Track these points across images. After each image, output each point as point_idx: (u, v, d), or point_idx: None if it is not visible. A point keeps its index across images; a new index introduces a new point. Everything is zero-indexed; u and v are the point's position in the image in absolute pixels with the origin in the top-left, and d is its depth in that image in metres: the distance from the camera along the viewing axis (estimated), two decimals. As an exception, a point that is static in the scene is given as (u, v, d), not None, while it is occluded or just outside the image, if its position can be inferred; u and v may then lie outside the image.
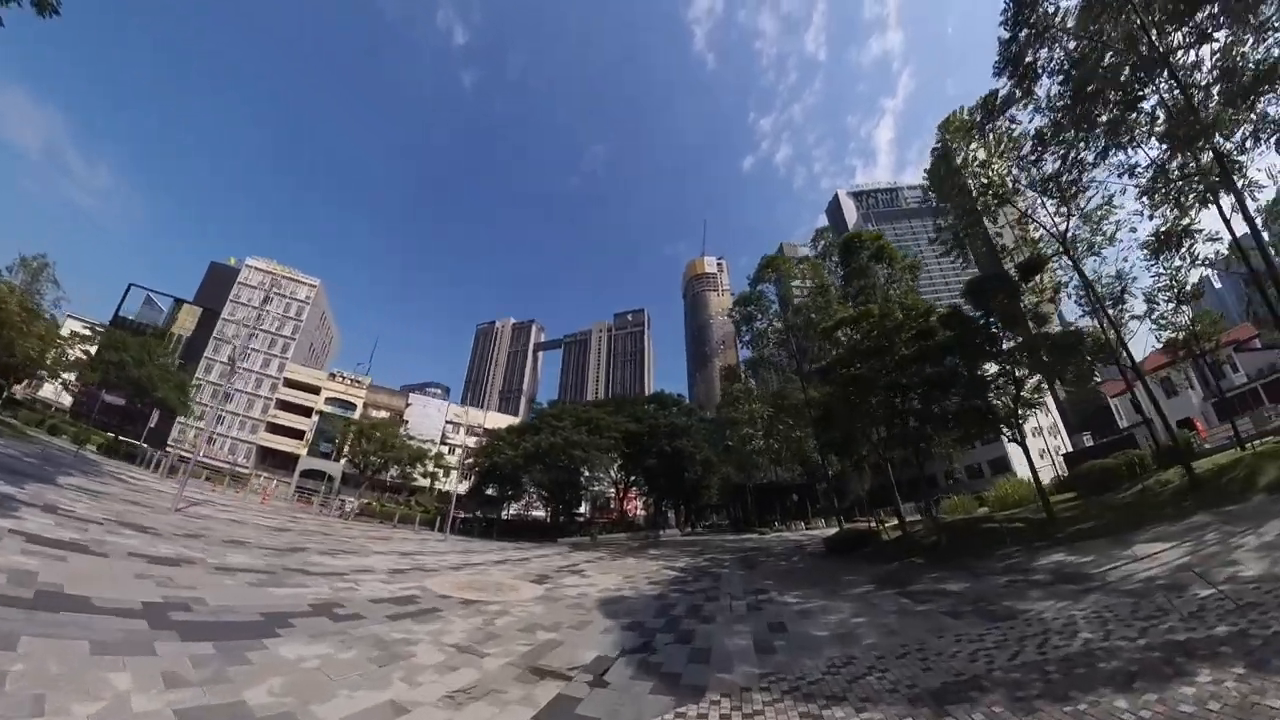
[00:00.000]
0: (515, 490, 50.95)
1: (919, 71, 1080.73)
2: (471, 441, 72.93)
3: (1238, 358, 43.19)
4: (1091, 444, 51.49)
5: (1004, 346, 22.26)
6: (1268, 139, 21.57)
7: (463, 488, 55.30)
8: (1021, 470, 59.94)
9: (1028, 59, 21.97)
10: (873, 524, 30.96)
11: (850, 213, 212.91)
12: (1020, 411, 21.97)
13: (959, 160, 24.29)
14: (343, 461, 70.57)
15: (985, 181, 24.31)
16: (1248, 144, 22.43)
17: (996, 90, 22.21)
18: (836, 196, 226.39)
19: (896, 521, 28.78)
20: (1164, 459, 22.78)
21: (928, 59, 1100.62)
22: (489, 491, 55.69)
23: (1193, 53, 21.95)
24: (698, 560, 28.50)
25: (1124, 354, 23.81)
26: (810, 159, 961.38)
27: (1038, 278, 24.80)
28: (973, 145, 24.14)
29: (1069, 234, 23.30)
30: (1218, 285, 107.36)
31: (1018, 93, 22.12)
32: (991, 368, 22.91)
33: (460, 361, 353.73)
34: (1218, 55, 20.72)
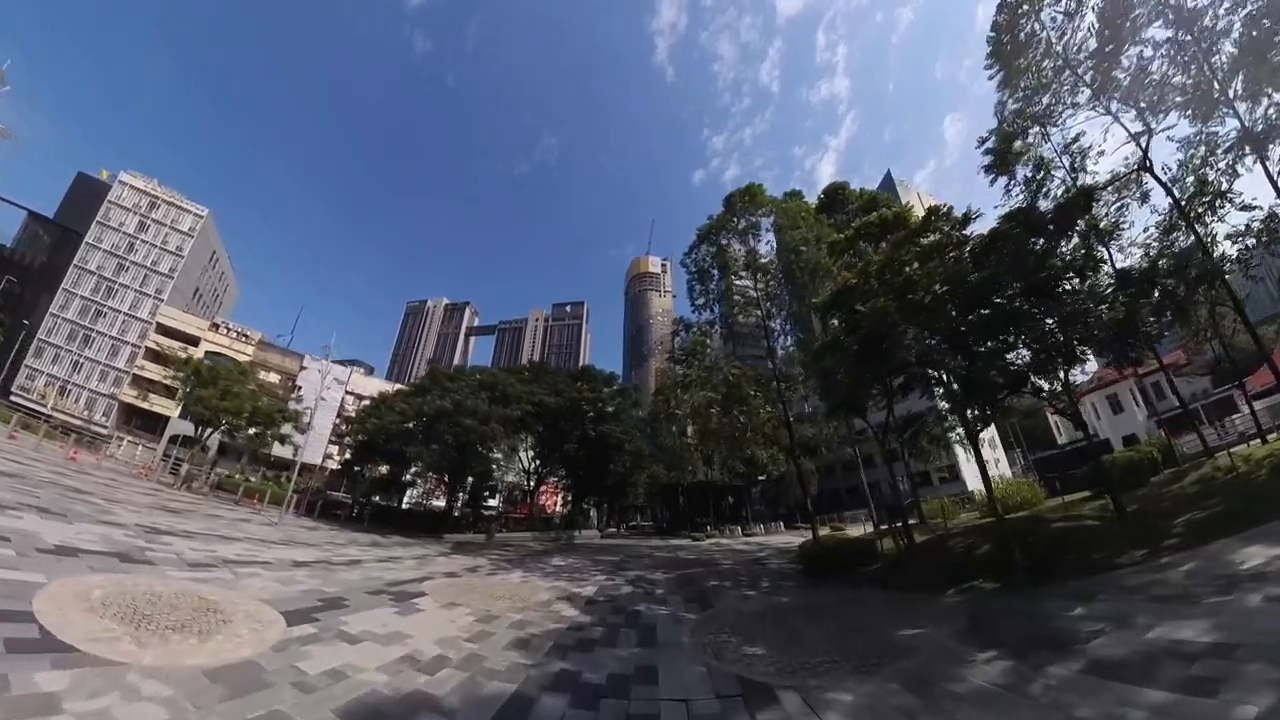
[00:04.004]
0: (399, 468, 41.31)
1: (861, 116, 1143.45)
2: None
3: (1176, 381, 45.50)
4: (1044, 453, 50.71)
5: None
6: None
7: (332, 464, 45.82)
8: (972, 481, 56.71)
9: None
10: (878, 526, 24.14)
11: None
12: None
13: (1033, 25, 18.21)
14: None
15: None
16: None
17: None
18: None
19: (876, 528, 22.17)
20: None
21: (870, 107, 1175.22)
22: (382, 470, 46.44)
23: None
24: (616, 582, 19.71)
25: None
26: (757, 180, 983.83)
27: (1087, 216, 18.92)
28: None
29: (1147, 146, 17.65)
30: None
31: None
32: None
33: (387, 341, 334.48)
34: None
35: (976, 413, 16.92)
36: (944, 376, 16.22)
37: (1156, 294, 15.99)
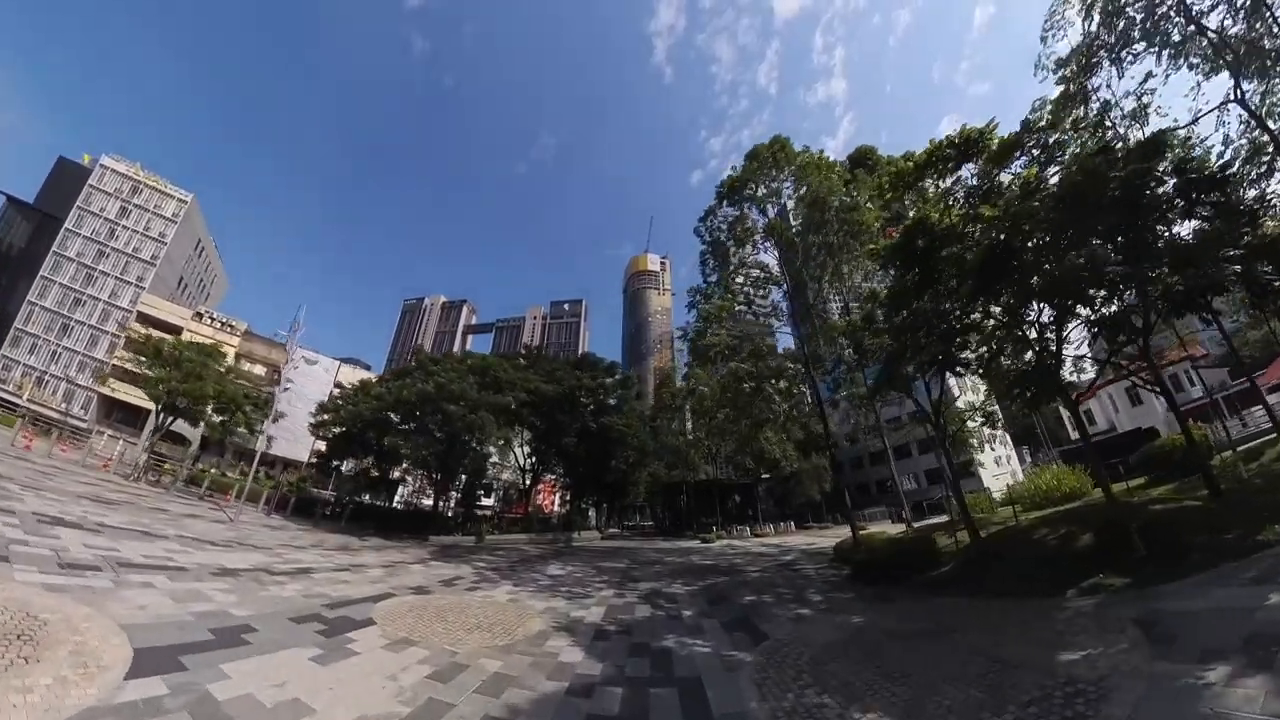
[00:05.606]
0: (387, 464, 38.16)
1: (859, 118, 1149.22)
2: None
3: (1195, 373, 44.93)
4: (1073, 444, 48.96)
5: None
6: None
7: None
8: (988, 478, 54.39)
9: None
10: (909, 524, 21.18)
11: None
12: None
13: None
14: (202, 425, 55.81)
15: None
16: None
17: None
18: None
19: (909, 525, 19.32)
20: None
21: (867, 109, 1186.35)
22: (365, 464, 43.56)
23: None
24: (628, 599, 15.77)
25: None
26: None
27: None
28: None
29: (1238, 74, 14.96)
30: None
31: None
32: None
33: (384, 340, 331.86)
34: None
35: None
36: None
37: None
